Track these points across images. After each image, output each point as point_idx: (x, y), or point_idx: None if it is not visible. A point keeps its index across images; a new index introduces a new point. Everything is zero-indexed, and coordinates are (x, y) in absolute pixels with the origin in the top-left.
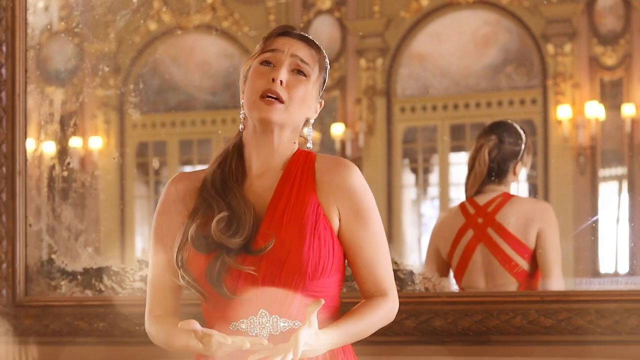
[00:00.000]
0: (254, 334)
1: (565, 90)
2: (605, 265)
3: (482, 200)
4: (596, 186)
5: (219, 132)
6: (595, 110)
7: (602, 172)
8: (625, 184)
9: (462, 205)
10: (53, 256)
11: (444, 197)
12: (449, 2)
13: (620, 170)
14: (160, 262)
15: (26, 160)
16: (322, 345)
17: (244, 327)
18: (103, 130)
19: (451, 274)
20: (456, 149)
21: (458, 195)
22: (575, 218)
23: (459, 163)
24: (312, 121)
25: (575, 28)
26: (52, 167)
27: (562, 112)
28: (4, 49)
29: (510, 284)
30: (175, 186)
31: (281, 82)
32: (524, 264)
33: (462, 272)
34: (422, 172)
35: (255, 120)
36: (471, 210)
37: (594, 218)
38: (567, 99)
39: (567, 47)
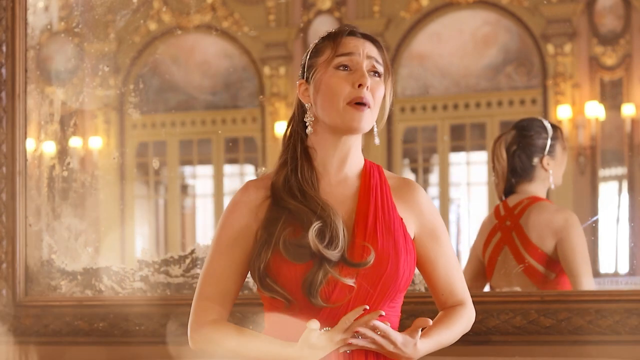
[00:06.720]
0: None
1: (565, 90)
2: (605, 265)
3: (512, 201)
4: (596, 186)
5: (219, 132)
6: (595, 110)
7: (602, 172)
8: (625, 184)
9: (496, 208)
10: (53, 256)
11: (444, 197)
12: (449, 2)
13: (620, 170)
14: (230, 262)
15: (26, 160)
16: (416, 355)
17: None
18: (103, 130)
19: None
20: (456, 149)
21: (458, 195)
22: None
23: (459, 163)
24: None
25: (575, 28)
26: (52, 167)
27: (562, 112)
28: (4, 49)
29: (529, 287)
30: (247, 193)
31: (367, 87)
32: (541, 269)
33: (491, 272)
34: (422, 172)
35: (341, 127)
36: (502, 212)
37: (594, 218)
38: (567, 99)
39: (567, 47)
